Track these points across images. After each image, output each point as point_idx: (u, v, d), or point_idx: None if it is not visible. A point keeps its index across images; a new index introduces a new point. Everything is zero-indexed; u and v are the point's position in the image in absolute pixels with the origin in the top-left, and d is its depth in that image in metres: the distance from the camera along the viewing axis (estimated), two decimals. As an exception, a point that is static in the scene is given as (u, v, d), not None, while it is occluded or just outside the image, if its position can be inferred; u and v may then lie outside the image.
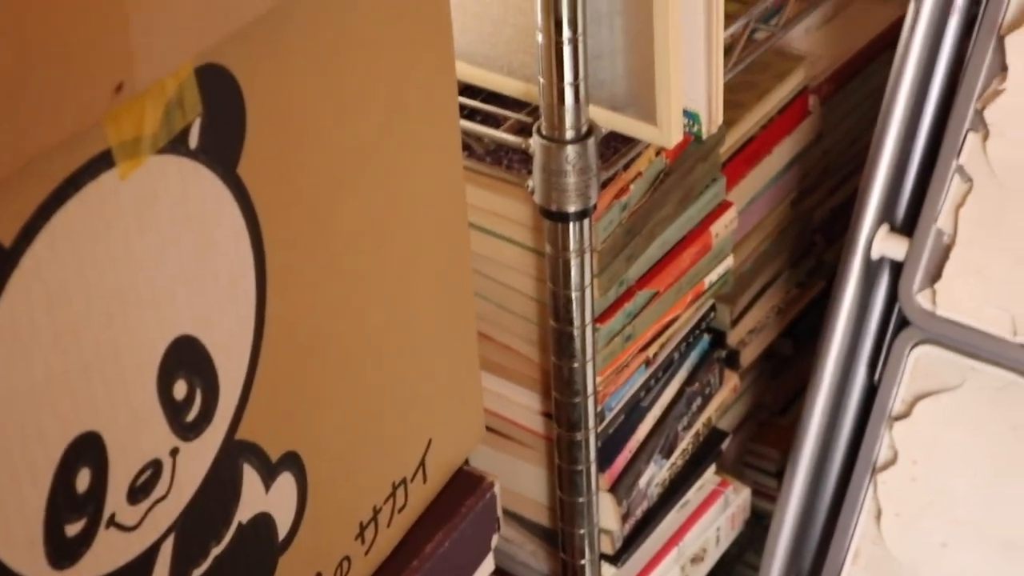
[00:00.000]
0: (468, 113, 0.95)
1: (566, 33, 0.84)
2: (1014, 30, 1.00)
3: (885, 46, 1.22)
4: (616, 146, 0.94)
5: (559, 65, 0.84)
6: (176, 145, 0.61)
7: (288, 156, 0.68)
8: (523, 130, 0.92)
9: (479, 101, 0.96)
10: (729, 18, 0.98)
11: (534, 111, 0.91)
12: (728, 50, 0.97)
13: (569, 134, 0.87)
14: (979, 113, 1.01)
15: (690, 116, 0.88)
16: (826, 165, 1.23)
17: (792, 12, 1.04)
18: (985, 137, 1.01)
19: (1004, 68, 1.00)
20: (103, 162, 0.58)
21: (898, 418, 1.06)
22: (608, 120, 0.89)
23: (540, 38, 0.85)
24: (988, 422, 1.03)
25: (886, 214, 1.07)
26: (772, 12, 1.04)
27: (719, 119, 0.89)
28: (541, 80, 0.86)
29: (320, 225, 0.71)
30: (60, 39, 0.52)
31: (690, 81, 0.87)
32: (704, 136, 0.89)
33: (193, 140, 0.62)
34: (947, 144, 1.02)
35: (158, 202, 0.61)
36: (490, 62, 0.92)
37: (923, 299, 1.03)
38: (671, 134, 0.86)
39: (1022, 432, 1.02)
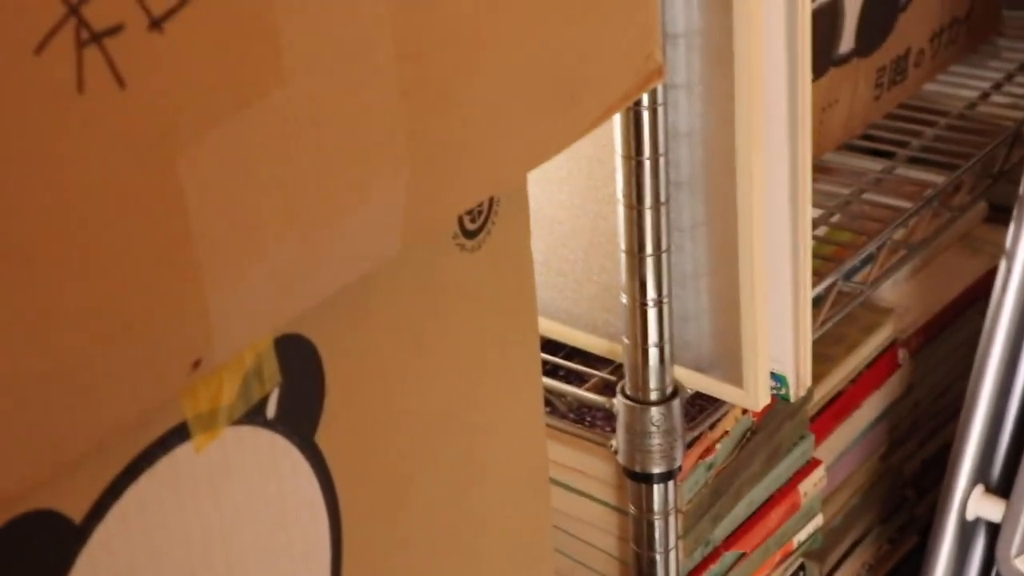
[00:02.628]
0: (551, 370, 0.94)
1: (651, 294, 0.83)
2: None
3: (975, 299, 1.20)
4: (702, 404, 0.93)
5: (643, 326, 0.84)
6: (253, 415, 0.60)
7: (368, 424, 0.67)
8: (607, 387, 0.91)
9: (562, 357, 0.95)
10: (816, 276, 0.97)
11: (618, 369, 0.90)
12: (815, 307, 0.96)
13: (653, 395, 0.85)
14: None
15: (777, 379, 0.86)
16: (916, 417, 1.21)
17: (880, 268, 1.02)
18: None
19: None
20: (178, 435, 0.57)
21: None
22: (694, 381, 0.87)
23: (624, 299, 0.84)
24: None
25: (981, 473, 1.05)
26: (860, 266, 1.03)
27: (807, 381, 0.87)
28: (625, 340, 0.85)
29: (399, 493, 0.70)
30: (137, 317, 0.51)
31: (777, 343, 0.85)
32: (792, 399, 0.87)
33: (271, 410, 0.61)
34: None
35: (233, 473, 0.60)
36: (573, 319, 0.91)
37: (1021, 563, 1.00)
38: (758, 397, 0.84)
39: None
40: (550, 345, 0.94)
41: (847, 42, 1.08)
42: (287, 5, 0.53)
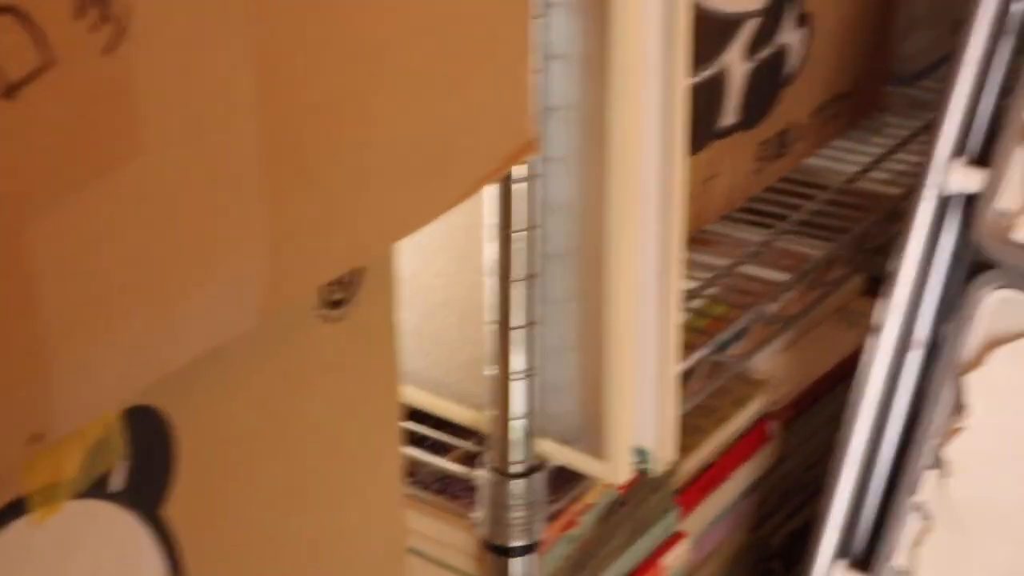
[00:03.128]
0: (416, 439, 0.93)
1: (517, 367, 0.82)
2: (972, 370, 0.99)
3: (849, 371, 1.21)
4: (567, 476, 0.92)
5: (508, 398, 0.83)
6: (97, 489, 0.59)
7: (220, 497, 0.66)
8: (471, 458, 0.90)
9: (430, 427, 0.94)
10: (689, 348, 0.97)
11: (484, 440, 0.89)
12: (686, 380, 0.96)
13: (516, 468, 0.85)
14: (937, 450, 0.99)
15: (641, 453, 0.86)
16: (786, 489, 1.21)
17: (754, 341, 1.03)
18: (944, 475, 0.99)
19: (963, 407, 0.99)
20: (15, 510, 0.55)
21: None
22: (558, 453, 0.87)
23: (491, 371, 0.83)
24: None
25: (844, 547, 1.05)
26: (733, 339, 1.03)
27: (671, 455, 0.87)
28: (490, 412, 0.84)
29: (250, 568, 0.68)
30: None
31: (642, 417, 0.85)
32: (654, 473, 0.87)
33: (116, 483, 0.60)
34: (904, 481, 1.00)
35: (75, 549, 0.59)
36: (442, 389, 0.90)
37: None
38: (619, 471, 0.84)
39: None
40: (417, 414, 0.93)
41: (729, 115, 1.09)
42: (148, 76, 0.51)
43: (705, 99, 1.06)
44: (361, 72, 0.61)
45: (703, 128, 1.07)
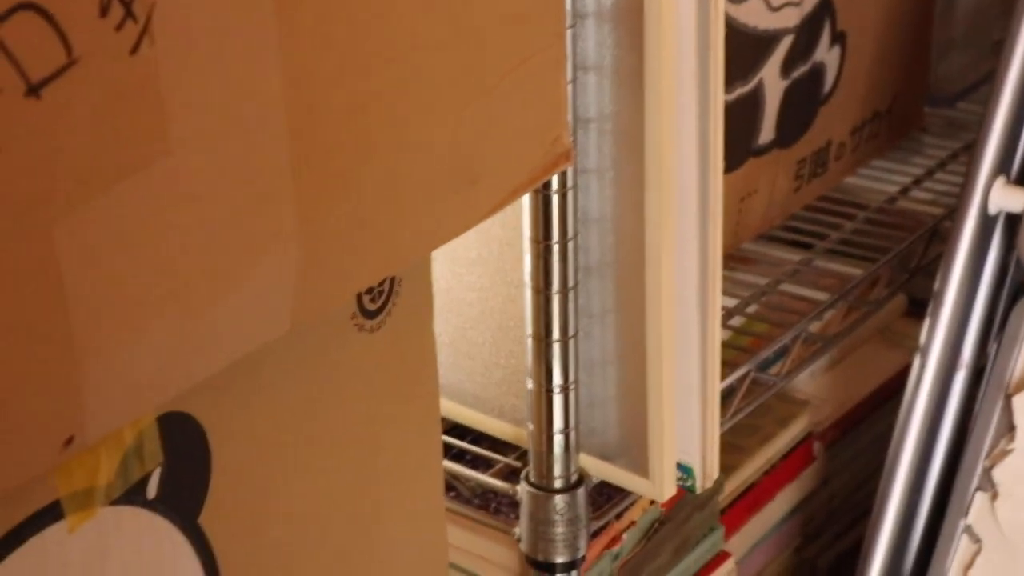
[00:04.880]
0: (457, 454, 0.93)
1: (556, 381, 0.82)
2: (1022, 390, 0.98)
3: (892, 392, 1.20)
4: (609, 493, 0.91)
5: (549, 412, 0.82)
6: (132, 495, 0.59)
7: (256, 506, 0.65)
8: (513, 473, 0.90)
9: (469, 442, 0.93)
10: (729, 366, 0.96)
11: (524, 455, 0.88)
12: (728, 397, 0.95)
13: (558, 483, 0.84)
14: (987, 472, 0.98)
15: (684, 469, 0.85)
16: (832, 510, 1.20)
17: (796, 360, 1.02)
18: (994, 497, 0.98)
19: (1012, 427, 0.98)
20: (49, 515, 0.55)
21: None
22: (600, 469, 0.86)
23: (530, 384, 0.83)
24: None
25: (891, 571, 1.04)
26: (775, 358, 1.02)
27: (715, 473, 0.86)
28: (530, 426, 0.84)
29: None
30: (2, 389, 0.49)
31: (684, 434, 0.84)
32: (698, 490, 0.86)
33: (152, 490, 0.59)
34: (954, 503, 0.99)
35: (109, 556, 0.58)
36: (481, 403, 0.89)
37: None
38: (663, 488, 0.83)
39: None
40: (457, 429, 0.93)
41: (767, 133, 1.08)
42: (175, 75, 0.51)
43: (741, 116, 1.05)
44: (394, 78, 0.61)
45: (740, 145, 1.06)
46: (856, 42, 1.15)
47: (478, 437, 0.93)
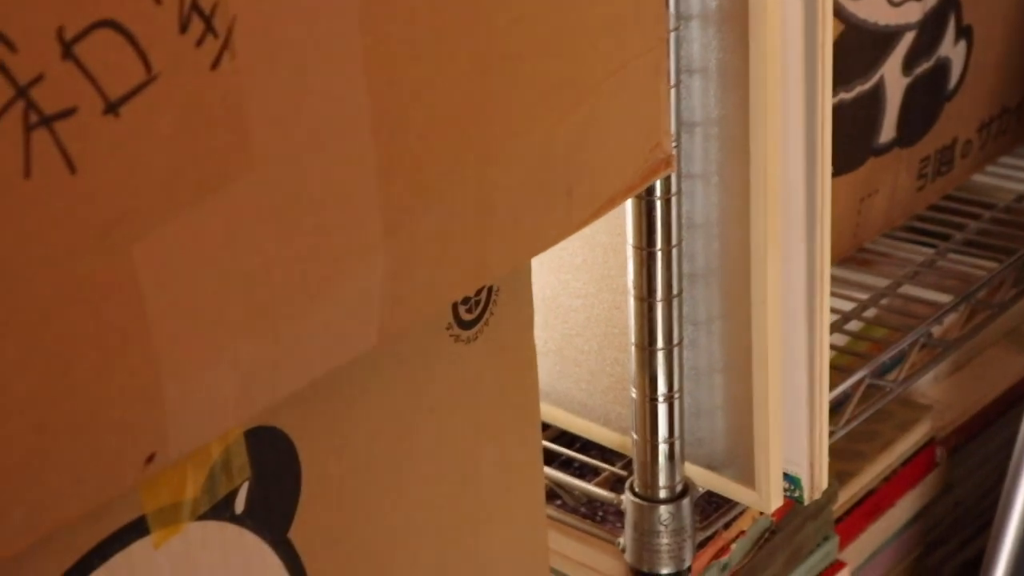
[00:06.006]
0: (564, 462, 0.91)
1: (661, 389, 0.80)
2: None
3: (1020, 396, 1.16)
4: (718, 502, 0.89)
5: (653, 421, 0.81)
6: (220, 510, 0.58)
7: (348, 521, 0.65)
8: (619, 482, 0.88)
9: (577, 449, 0.92)
10: (844, 372, 0.94)
11: (630, 464, 0.87)
12: (842, 404, 0.92)
13: (663, 493, 0.82)
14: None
15: (791, 480, 0.83)
16: (957, 517, 1.17)
17: (915, 365, 0.99)
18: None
19: None
20: (136, 530, 0.55)
21: None
22: (705, 480, 0.84)
23: (634, 393, 0.81)
24: None
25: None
26: (894, 363, 1.00)
27: (823, 484, 0.84)
28: (635, 436, 0.82)
29: (381, 590, 0.68)
30: (86, 409, 0.49)
31: (791, 444, 0.82)
32: (806, 502, 0.84)
33: (240, 504, 0.59)
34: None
35: (198, 571, 0.58)
36: (587, 411, 0.88)
37: None
38: (769, 500, 0.81)
39: None
40: (564, 436, 0.92)
41: (888, 131, 1.05)
42: (257, 89, 0.51)
43: (862, 115, 1.03)
44: (485, 86, 0.60)
45: (860, 144, 1.04)
46: (984, 36, 1.12)
47: (586, 444, 0.92)
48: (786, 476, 0.83)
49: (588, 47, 0.65)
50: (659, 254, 0.78)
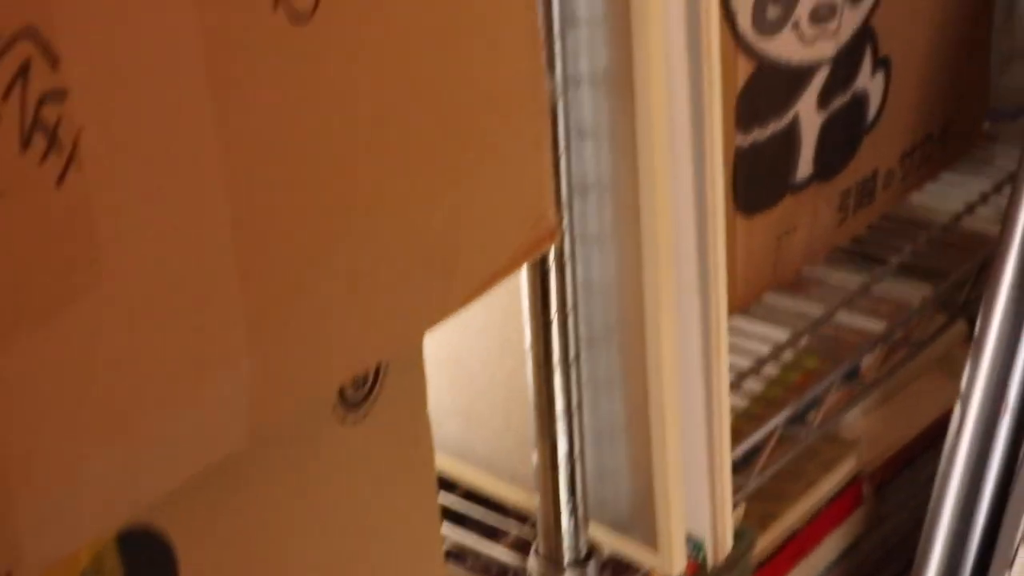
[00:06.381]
0: (470, 522, 0.91)
1: (562, 452, 0.80)
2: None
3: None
4: (629, 563, 0.89)
5: (555, 484, 0.81)
6: (90, 618, 0.58)
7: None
8: (526, 544, 0.88)
9: (488, 508, 0.92)
10: (758, 420, 0.94)
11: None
12: (756, 452, 0.92)
13: (568, 556, 0.82)
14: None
15: (695, 543, 0.83)
16: (889, 550, 1.17)
17: (831, 408, 0.99)
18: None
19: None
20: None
21: None
22: (612, 542, 0.84)
23: (536, 457, 0.81)
24: None
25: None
26: (817, 399, 0.99)
27: (727, 545, 0.84)
28: (538, 499, 0.82)
29: None
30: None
31: (694, 505, 0.82)
32: (710, 564, 0.83)
33: (112, 609, 0.59)
34: (998, 557, 0.95)
35: None
36: (495, 470, 0.88)
37: None
38: (672, 562, 0.81)
39: None
40: (471, 497, 0.92)
41: (805, 167, 1.05)
42: (106, 200, 0.50)
43: (777, 153, 1.03)
44: (353, 172, 0.59)
45: (776, 182, 1.04)
46: (902, 66, 1.11)
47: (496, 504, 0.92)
48: (689, 538, 0.83)
49: (463, 126, 0.64)
50: (555, 319, 0.78)
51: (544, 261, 0.77)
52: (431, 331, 0.70)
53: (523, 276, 0.79)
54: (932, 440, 1.17)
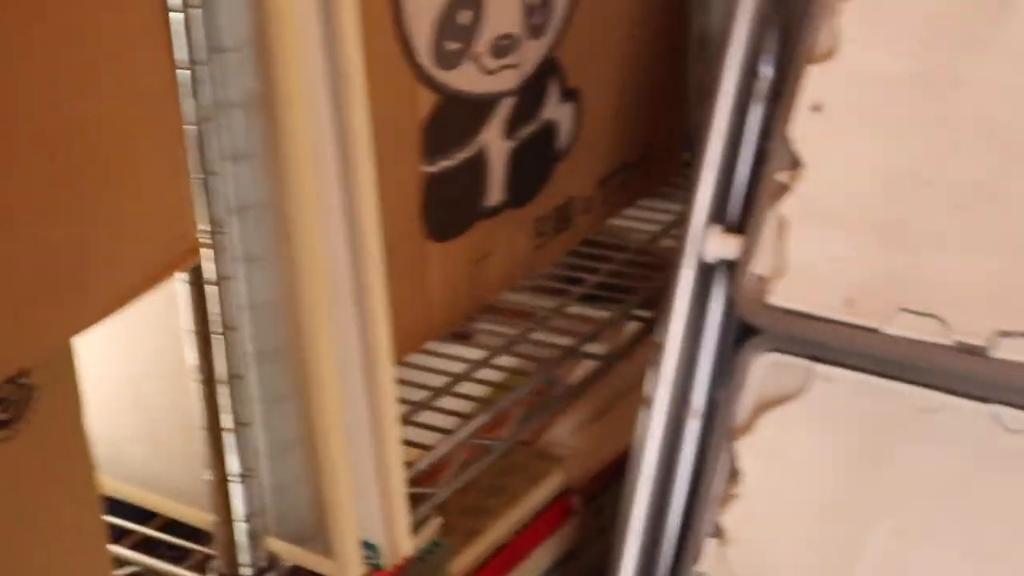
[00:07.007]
0: (153, 545, 0.92)
1: (233, 469, 0.82)
2: (743, 435, 0.98)
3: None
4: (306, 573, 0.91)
5: (227, 502, 0.82)
6: None
7: None
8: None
9: (182, 533, 0.93)
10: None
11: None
12: (442, 467, 0.95)
13: (246, 572, 0.84)
14: (717, 518, 0.99)
15: (370, 547, 0.85)
16: (603, 566, 1.20)
17: (547, 415, 1.02)
18: (724, 542, 0.98)
19: (737, 472, 0.98)
20: None
21: None
22: (291, 554, 0.86)
23: (208, 475, 0.83)
24: None
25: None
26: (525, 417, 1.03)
27: (404, 548, 0.86)
28: (213, 516, 0.84)
29: None
30: None
31: (367, 512, 0.84)
32: (386, 567, 0.86)
33: None
34: (688, 551, 1.00)
35: None
36: (179, 494, 0.89)
37: None
38: (347, 568, 0.83)
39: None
40: (159, 518, 0.93)
41: (495, 194, 1.09)
42: None
43: (467, 180, 1.06)
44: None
45: (466, 209, 1.07)
46: (592, 97, 1.16)
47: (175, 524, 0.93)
48: (366, 544, 0.85)
49: (91, 153, 0.66)
50: (218, 337, 0.80)
51: (200, 279, 0.79)
52: (82, 348, 0.72)
53: (180, 296, 0.81)
54: (640, 454, 1.21)
